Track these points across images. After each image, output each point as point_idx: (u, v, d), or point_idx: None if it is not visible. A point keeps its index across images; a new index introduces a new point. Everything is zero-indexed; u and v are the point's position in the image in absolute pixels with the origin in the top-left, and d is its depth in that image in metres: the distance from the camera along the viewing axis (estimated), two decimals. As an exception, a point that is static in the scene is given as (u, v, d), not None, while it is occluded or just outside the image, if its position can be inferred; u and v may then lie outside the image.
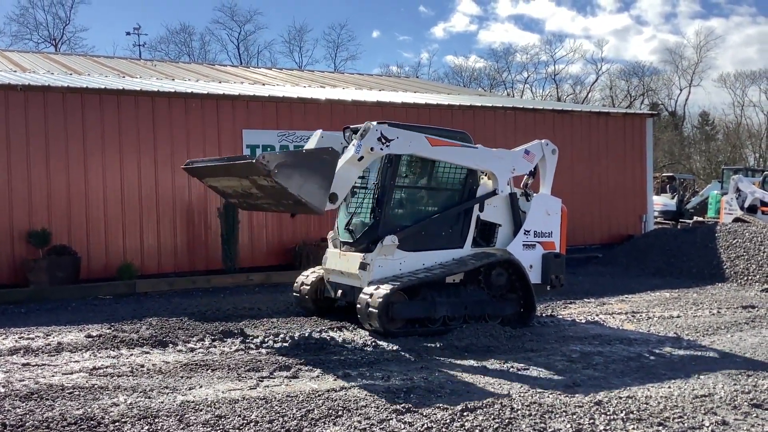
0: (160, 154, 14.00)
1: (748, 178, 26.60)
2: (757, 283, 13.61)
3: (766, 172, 27.24)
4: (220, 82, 18.92)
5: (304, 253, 14.52)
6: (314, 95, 16.70)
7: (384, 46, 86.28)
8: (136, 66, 22.51)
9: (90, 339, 8.56)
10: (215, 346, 8.26)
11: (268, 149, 14.94)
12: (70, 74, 17.37)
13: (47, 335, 9.01)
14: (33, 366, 7.35)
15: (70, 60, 21.94)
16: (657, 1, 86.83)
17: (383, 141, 8.98)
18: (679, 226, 25.76)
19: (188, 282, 13.52)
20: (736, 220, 22.47)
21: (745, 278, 14.01)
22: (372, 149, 8.93)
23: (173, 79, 18.78)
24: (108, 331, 9.02)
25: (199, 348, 8.19)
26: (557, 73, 66.01)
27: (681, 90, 65.79)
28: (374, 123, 9.05)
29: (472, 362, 7.64)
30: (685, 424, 5.56)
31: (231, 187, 8.95)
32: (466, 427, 5.42)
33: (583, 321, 10.25)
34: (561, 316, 10.65)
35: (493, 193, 9.86)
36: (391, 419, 5.61)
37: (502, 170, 9.97)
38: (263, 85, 19.22)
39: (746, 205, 23.37)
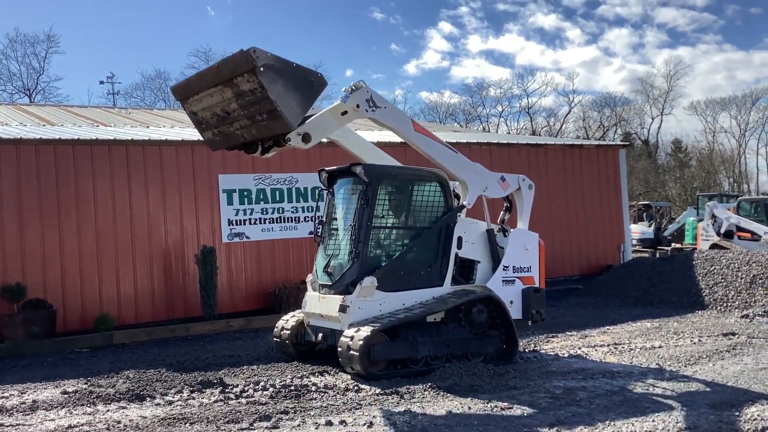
0: (134, 202, 13.89)
1: (722, 204, 26.90)
2: (736, 309, 13.68)
3: (740, 198, 27.61)
4: (195, 128, 18.89)
5: (284, 296, 14.42)
6: (289, 138, 16.70)
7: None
8: (110, 114, 22.47)
9: (66, 395, 8.36)
10: (194, 398, 8.10)
11: (245, 193, 14.94)
12: (44, 125, 17.29)
13: (22, 393, 8.80)
14: (7, 427, 7.15)
15: (44, 111, 21.85)
16: (624, 32, 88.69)
17: (370, 104, 9.13)
18: (657, 254, 25.94)
19: (167, 331, 13.33)
20: (714, 246, 22.69)
21: (725, 305, 14.08)
22: (358, 107, 9.06)
23: (148, 127, 18.76)
24: (84, 386, 8.83)
25: (177, 400, 8.02)
26: (531, 106, 66.93)
27: (653, 119, 66.95)
28: (367, 84, 9.17)
29: (455, 403, 7.55)
30: (671, 459, 5.51)
31: (210, 108, 8.87)
32: (451, 473, 5.32)
33: (566, 355, 10.21)
34: (544, 351, 10.60)
35: (461, 207, 9.84)
36: (374, 467, 5.50)
37: (475, 184, 10.00)
38: (238, 129, 19.21)
39: (722, 230, 23.59)
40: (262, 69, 7.75)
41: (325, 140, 16.39)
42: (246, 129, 8.72)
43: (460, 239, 9.79)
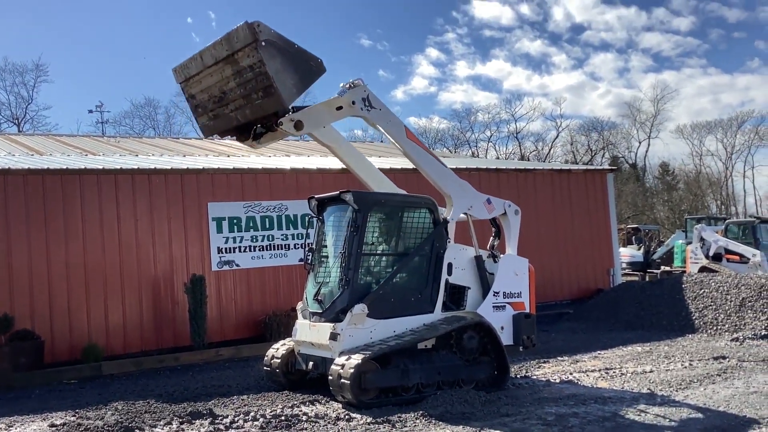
0: (123, 231, 13.84)
1: (710, 226, 27.07)
2: (726, 333, 13.71)
3: (728, 221, 27.79)
4: (184, 156, 18.94)
5: (274, 324, 14.35)
6: (279, 165, 16.77)
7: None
8: (99, 143, 22.45)
9: (53, 428, 8.24)
10: (183, 430, 8.02)
11: (234, 221, 14.93)
12: (32, 155, 17.26)
13: (9, 426, 8.68)
14: (-8, 461, 7.05)
15: (32, 140, 21.82)
16: (609, 57, 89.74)
17: (366, 103, 9.23)
18: (647, 277, 26.00)
19: (155, 361, 13.21)
20: (703, 269, 22.80)
21: (715, 328, 14.11)
22: (353, 103, 9.18)
23: (137, 155, 18.75)
24: (72, 418, 8.71)
25: (167, 432, 7.94)
26: (519, 131, 67.37)
27: (640, 142, 67.53)
28: (365, 84, 9.32)
29: (448, 431, 7.50)
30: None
31: (208, 90, 9.01)
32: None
33: (558, 381, 10.19)
34: (535, 377, 10.58)
35: (444, 222, 9.84)
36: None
37: (460, 200, 10.05)
38: (228, 156, 19.26)
39: (711, 253, 23.73)
40: (263, 43, 7.99)
41: (314, 168, 16.42)
42: (240, 110, 8.85)
43: (450, 265, 9.79)
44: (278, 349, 10.31)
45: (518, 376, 10.63)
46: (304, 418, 8.29)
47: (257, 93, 8.41)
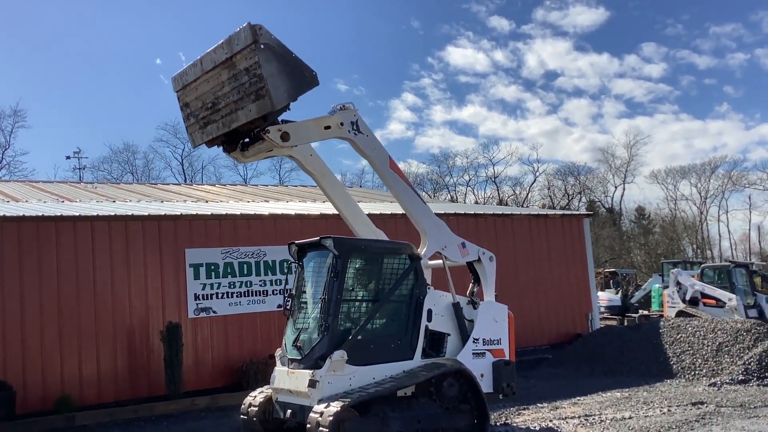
0: (99, 278, 13.68)
1: (687, 271, 27.34)
2: (704, 378, 13.75)
3: (703, 265, 28.08)
4: (162, 202, 18.87)
5: (252, 371, 14.16)
6: (258, 210, 16.76)
7: (324, 154, 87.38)
8: (76, 189, 22.33)
9: (23, 482, 8.04)
10: (158, 482, 7.85)
11: (212, 267, 14.82)
12: (8, 202, 17.11)
13: (-24, 480, 8.45)
14: None
15: (8, 187, 21.68)
16: (583, 103, 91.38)
17: (354, 126, 9.37)
18: (625, 321, 26.12)
19: (130, 412, 12.93)
20: (680, 313, 22.97)
21: (692, 373, 14.15)
22: (341, 125, 9.31)
23: (114, 201, 18.66)
24: (43, 471, 8.51)
25: (141, 484, 7.76)
26: (497, 175, 68.02)
27: (615, 187, 68.37)
28: (355, 108, 9.50)
29: (427, 481, 7.41)
30: None
31: (203, 97, 9.19)
32: None
33: (537, 428, 10.13)
34: (515, 424, 10.51)
35: (417, 257, 9.83)
36: None
37: (435, 237, 10.09)
38: (207, 202, 19.24)
39: (688, 298, 23.92)
40: (262, 46, 8.25)
41: (293, 213, 16.41)
42: (231, 115, 8.93)
43: (430, 312, 9.77)
44: (256, 396, 10.15)
45: (498, 423, 10.56)
46: (282, 469, 8.15)
47: (249, 96, 8.61)
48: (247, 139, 9.35)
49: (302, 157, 9.84)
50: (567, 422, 10.42)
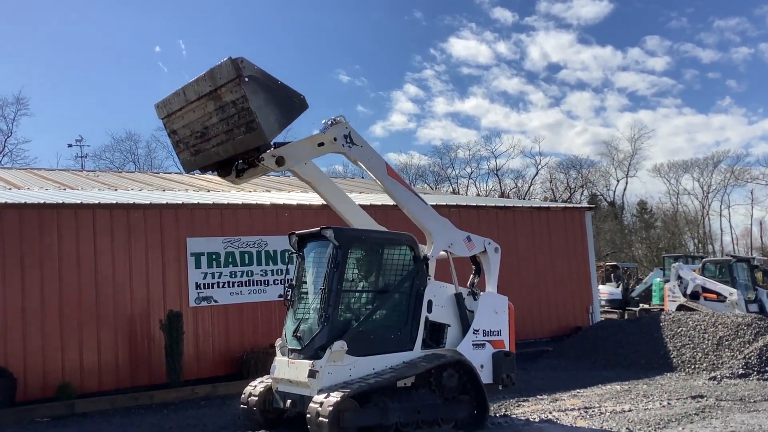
0: (100, 266, 13.69)
1: (688, 265, 27.29)
2: (704, 371, 13.75)
3: (705, 259, 28.05)
4: (164, 191, 18.87)
5: (252, 361, 14.18)
6: (259, 200, 16.75)
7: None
8: (78, 177, 22.34)
9: (23, 468, 8.07)
10: (158, 469, 7.87)
11: (213, 256, 14.83)
12: (10, 189, 17.11)
13: (-23, 466, 8.48)
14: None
15: (10, 174, 21.67)
16: (586, 96, 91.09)
17: (348, 139, 9.28)
18: (626, 315, 26.12)
19: (130, 399, 12.97)
20: (680, 307, 22.94)
21: (692, 367, 14.15)
22: (335, 140, 9.21)
23: (116, 190, 18.65)
24: (43, 458, 8.54)
25: (141, 472, 7.78)
26: (499, 168, 67.92)
27: (618, 181, 68.23)
28: (347, 121, 9.39)
29: (426, 471, 7.42)
30: None
31: (190, 125, 9.02)
32: None
33: (537, 420, 10.15)
34: (515, 416, 10.53)
35: (425, 259, 9.82)
36: None
37: (441, 237, 10.06)
38: (208, 191, 19.22)
39: (689, 292, 23.90)
40: (246, 79, 8.06)
41: (295, 204, 16.43)
42: (222, 146, 8.85)
43: (430, 303, 9.78)
44: (256, 386, 10.18)
45: (497, 414, 10.58)
46: (281, 458, 8.18)
47: (239, 128, 8.45)
48: (241, 161, 9.27)
49: (298, 169, 9.69)
50: (567, 414, 10.43)
